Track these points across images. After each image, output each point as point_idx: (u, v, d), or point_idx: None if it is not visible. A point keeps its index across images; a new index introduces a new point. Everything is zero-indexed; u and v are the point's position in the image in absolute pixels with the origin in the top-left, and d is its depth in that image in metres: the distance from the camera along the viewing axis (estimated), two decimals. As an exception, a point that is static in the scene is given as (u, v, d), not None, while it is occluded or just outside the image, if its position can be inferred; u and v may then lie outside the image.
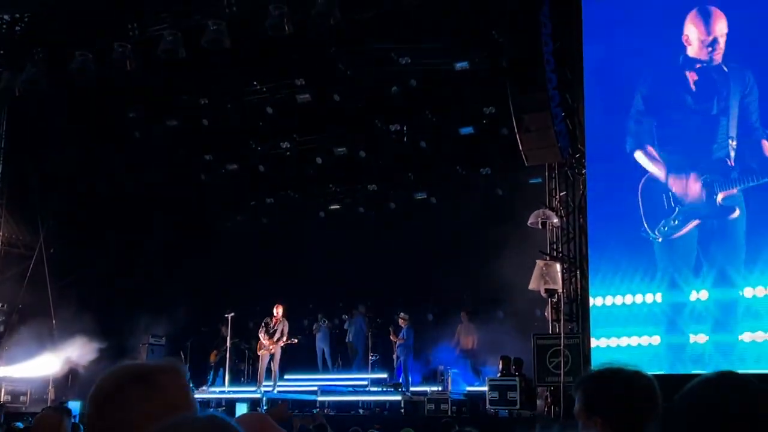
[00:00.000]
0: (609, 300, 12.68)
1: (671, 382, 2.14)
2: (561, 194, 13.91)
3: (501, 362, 14.45)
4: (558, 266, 13.34)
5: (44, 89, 16.87)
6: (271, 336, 16.31)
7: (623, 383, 2.32)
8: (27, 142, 18.61)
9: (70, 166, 19.38)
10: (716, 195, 12.13)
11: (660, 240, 12.46)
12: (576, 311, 13.51)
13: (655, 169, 12.61)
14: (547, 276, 12.91)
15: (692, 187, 12.37)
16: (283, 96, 18.73)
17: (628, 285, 12.52)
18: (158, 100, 19.34)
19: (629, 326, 12.45)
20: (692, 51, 12.57)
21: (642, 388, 2.31)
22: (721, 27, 12.41)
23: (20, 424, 9.55)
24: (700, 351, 11.79)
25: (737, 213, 11.92)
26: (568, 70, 13.72)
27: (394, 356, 17.03)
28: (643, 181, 12.71)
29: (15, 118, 18.97)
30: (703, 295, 11.96)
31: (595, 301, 12.81)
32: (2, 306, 18.70)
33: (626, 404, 2.29)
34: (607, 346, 12.54)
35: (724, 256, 11.88)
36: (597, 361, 12.43)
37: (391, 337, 16.87)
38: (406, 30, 16.34)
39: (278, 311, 16.55)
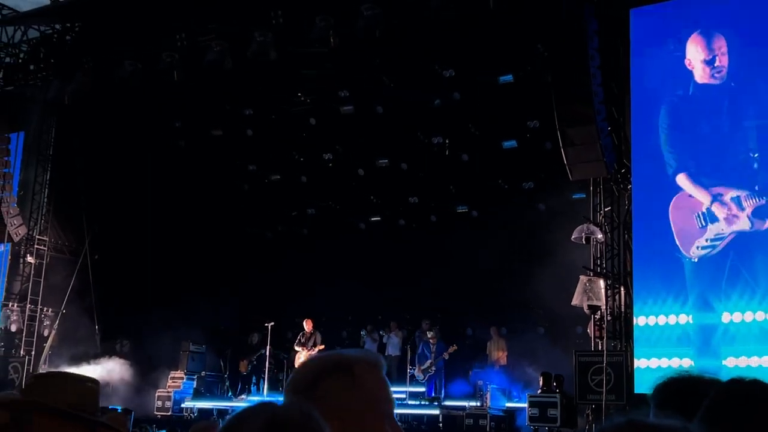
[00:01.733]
0: (652, 320, 12.51)
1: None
2: (605, 209, 13.74)
3: (542, 378, 14.27)
4: (602, 282, 13.17)
5: (92, 98, 17.17)
6: (305, 345, 16.52)
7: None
8: (74, 150, 18.93)
9: (116, 173, 19.68)
10: (745, 209, 11.99)
11: (695, 260, 12.32)
12: (619, 328, 13.30)
13: (690, 189, 12.53)
14: (591, 292, 12.77)
15: (721, 205, 12.23)
16: (326, 107, 18.82)
17: (670, 305, 12.36)
18: (204, 109, 19.57)
19: (668, 347, 12.30)
20: (697, 73, 12.54)
21: None
22: (720, 46, 12.41)
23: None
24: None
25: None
26: (615, 84, 13.57)
27: (426, 372, 16.83)
28: (673, 200, 12.61)
29: (63, 126, 19.32)
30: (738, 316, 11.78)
31: (637, 321, 12.64)
32: (47, 311, 19.00)
33: None
34: (647, 367, 12.36)
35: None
36: (640, 381, 12.26)
37: (445, 355, 16.71)
38: (451, 43, 16.34)
39: (308, 325, 16.73)
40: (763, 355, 11.58)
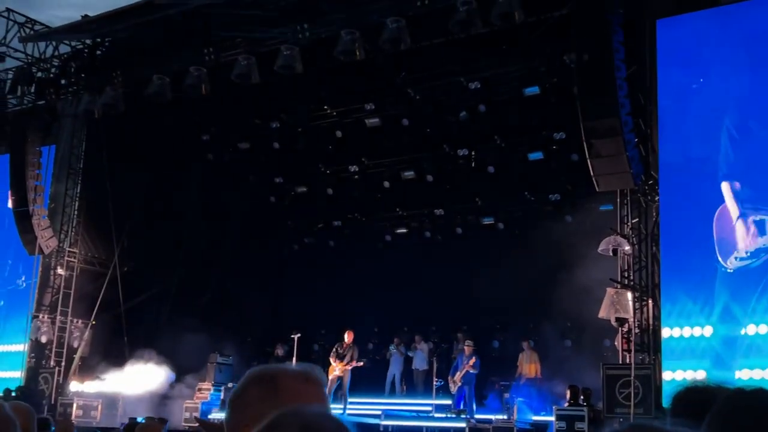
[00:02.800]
0: (677, 332, 12.40)
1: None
2: (633, 221, 13.64)
3: (569, 392, 14.16)
4: (629, 295, 13.07)
5: (122, 112, 17.39)
6: (341, 359, 16.44)
7: None
8: (104, 163, 19.16)
9: (146, 186, 19.89)
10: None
11: (730, 270, 12.18)
12: (647, 341, 13.17)
13: (732, 202, 12.35)
14: (618, 304, 12.67)
15: (744, 223, 12.10)
16: (352, 120, 18.92)
17: (702, 316, 12.24)
18: (231, 123, 19.75)
19: (691, 359, 12.18)
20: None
21: None
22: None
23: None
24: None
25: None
26: (642, 95, 13.50)
27: (455, 383, 16.74)
28: (718, 211, 12.44)
29: (93, 140, 19.58)
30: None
31: (662, 332, 12.55)
32: (77, 322, 19.20)
33: None
34: (672, 379, 12.25)
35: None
36: (669, 393, 12.14)
37: (469, 368, 16.58)
38: (476, 55, 16.36)
39: (349, 337, 16.67)
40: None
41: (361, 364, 16.65)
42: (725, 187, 12.50)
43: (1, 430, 3.00)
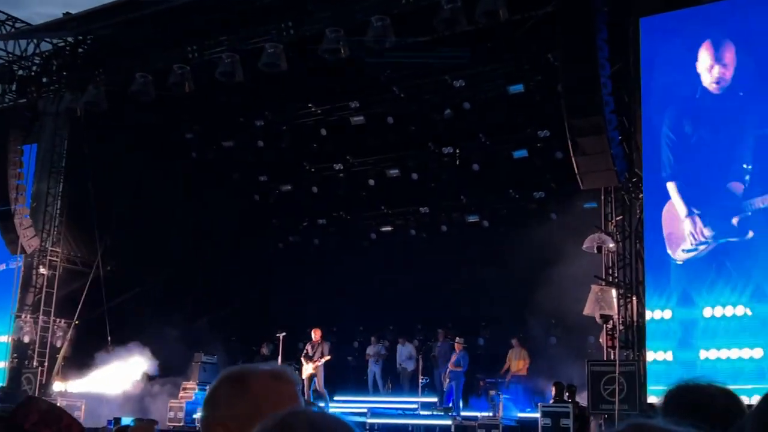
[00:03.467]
0: (657, 314, 12.56)
1: None
2: (617, 218, 13.70)
3: (554, 388, 14.23)
4: (614, 292, 13.13)
5: (105, 110, 17.27)
6: (310, 359, 16.46)
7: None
8: (86, 161, 19.02)
9: (129, 184, 19.77)
10: (732, 218, 12.04)
11: (680, 263, 12.38)
12: (632, 338, 13.24)
13: (678, 198, 12.59)
14: (603, 301, 12.72)
15: (710, 213, 12.29)
16: (337, 118, 18.89)
17: (656, 301, 12.50)
18: (215, 121, 19.67)
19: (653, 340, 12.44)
20: (705, 81, 12.60)
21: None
22: (729, 56, 12.46)
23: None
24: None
25: (751, 234, 11.88)
26: (626, 93, 13.56)
27: (444, 381, 16.84)
28: (665, 205, 12.65)
29: (75, 138, 19.43)
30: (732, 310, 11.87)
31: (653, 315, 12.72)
32: (60, 322, 19.06)
33: None
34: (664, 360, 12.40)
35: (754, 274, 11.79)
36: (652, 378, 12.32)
37: (451, 366, 16.60)
38: (461, 53, 16.37)
39: (316, 335, 16.67)
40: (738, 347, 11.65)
41: (328, 357, 16.60)
42: (671, 186, 12.73)
43: None
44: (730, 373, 11.42)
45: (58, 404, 14.95)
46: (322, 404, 16.25)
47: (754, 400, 9.27)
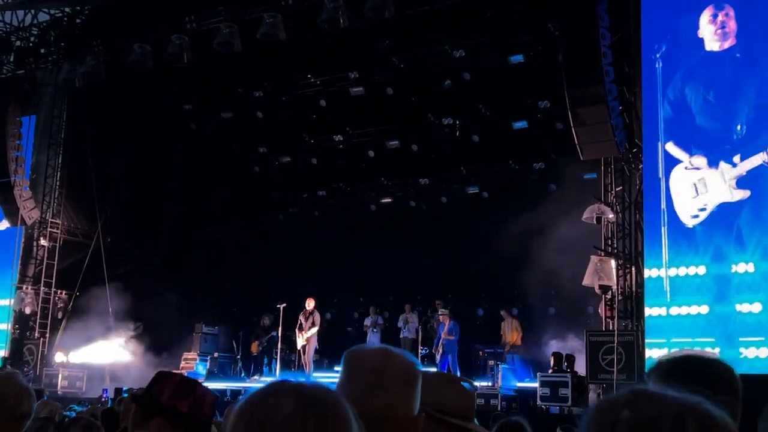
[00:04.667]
0: (655, 272, 12.56)
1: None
2: (617, 189, 13.70)
3: (553, 358, 14.30)
4: (613, 262, 13.16)
5: (103, 81, 17.20)
6: (303, 329, 16.64)
7: None
8: (85, 133, 18.99)
9: (128, 156, 19.75)
10: (731, 179, 12.06)
11: (690, 226, 12.36)
12: (630, 308, 13.30)
13: (683, 159, 12.53)
14: (602, 272, 12.76)
15: (714, 174, 12.24)
16: (336, 89, 18.80)
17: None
18: (214, 92, 19.59)
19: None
20: (708, 43, 12.53)
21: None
22: (730, 18, 12.39)
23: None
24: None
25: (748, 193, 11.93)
26: (626, 63, 13.50)
27: (438, 351, 16.86)
28: (673, 171, 12.61)
29: (74, 109, 19.38)
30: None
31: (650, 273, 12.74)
32: (61, 293, 19.14)
33: None
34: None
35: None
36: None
37: (444, 335, 16.68)
38: (461, 23, 16.26)
39: (309, 304, 16.74)
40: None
41: (317, 329, 16.71)
42: (670, 145, 12.66)
43: (17, 401, 3.01)
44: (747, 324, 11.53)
45: (60, 375, 15.07)
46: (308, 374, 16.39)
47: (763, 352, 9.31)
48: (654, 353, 12.18)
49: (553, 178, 18.01)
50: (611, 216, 13.49)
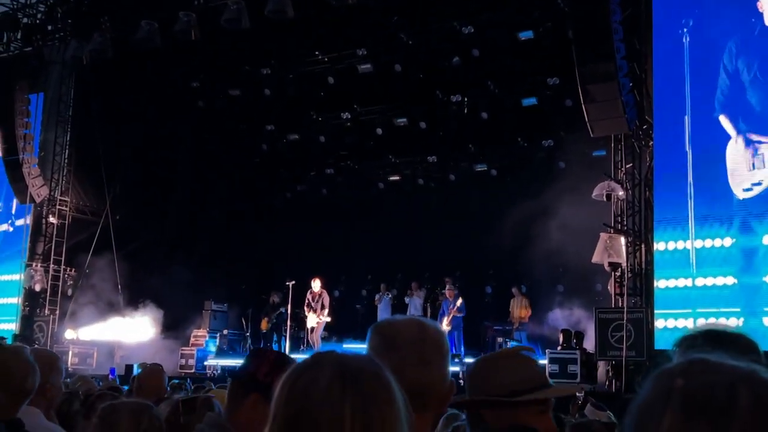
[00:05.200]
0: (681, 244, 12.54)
1: None
2: (627, 166, 13.66)
3: (561, 335, 14.33)
4: (622, 239, 13.15)
5: (111, 58, 17.15)
6: (313, 309, 16.67)
7: None
8: (93, 110, 18.97)
9: (135, 133, 19.74)
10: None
11: (740, 198, 12.28)
12: (640, 285, 13.31)
13: (735, 133, 12.41)
14: (611, 249, 12.76)
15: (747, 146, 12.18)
16: (344, 66, 18.71)
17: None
18: (221, 69, 19.52)
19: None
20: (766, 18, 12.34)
21: None
22: None
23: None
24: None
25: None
26: (637, 39, 13.40)
27: (446, 329, 16.90)
28: (728, 144, 12.48)
29: (82, 86, 19.35)
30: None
31: (658, 246, 12.74)
32: (70, 271, 19.21)
33: None
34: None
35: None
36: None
37: (455, 312, 16.73)
38: (469, 0, 16.16)
39: (316, 285, 16.78)
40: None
41: (328, 317, 16.76)
42: (723, 120, 12.53)
43: (22, 376, 3.02)
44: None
45: (70, 352, 15.14)
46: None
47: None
48: (679, 323, 12.23)
49: (562, 156, 17.96)
50: (621, 193, 13.46)
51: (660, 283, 12.74)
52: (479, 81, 18.11)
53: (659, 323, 12.61)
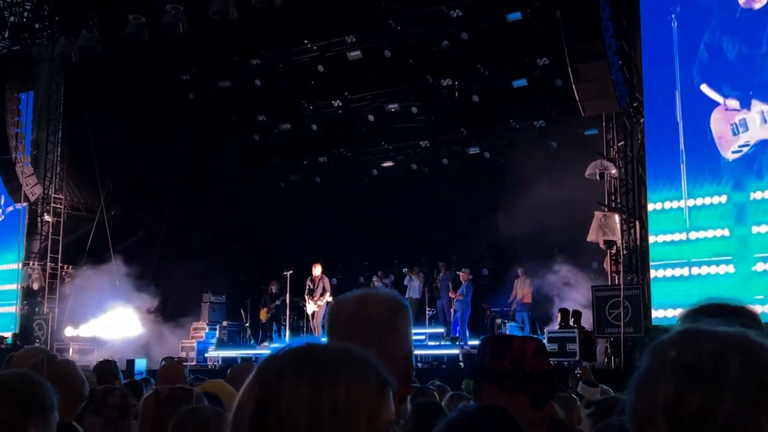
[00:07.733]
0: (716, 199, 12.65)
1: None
2: (619, 144, 13.72)
3: (559, 315, 14.43)
4: (617, 217, 13.23)
5: (100, 54, 17.12)
6: (312, 295, 16.70)
7: None
8: (84, 107, 18.93)
9: (127, 128, 19.71)
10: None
11: (730, 160, 12.39)
12: (635, 262, 13.40)
13: (720, 100, 12.50)
14: (606, 227, 12.84)
15: (752, 115, 12.25)
16: (333, 54, 18.69)
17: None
18: (211, 61, 19.49)
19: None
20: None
21: None
22: None
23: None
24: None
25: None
26: (625, 17, 13.43)
27: (452, 311, 17.07)
28: (713, 112, 12.55)
29: (72, 84, 19.31)
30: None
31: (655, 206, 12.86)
32: (68, 268, 19.24)
33: None
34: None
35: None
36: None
37: (450, 294, 16.86)
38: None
39: (315, 270, 16.82)
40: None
41: (330, 298, 16.78)
42: (705, 87, 12.60)
43: (81, 383, 3.14)
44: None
45: (71, 349, 15.19)
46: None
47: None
48: (677, 272, 12.39)
49: (554, 136, 18.00)
50: (614, 171, 13.53)
51: (659, 238, 12.79)
52: (469, 64, 18.10)
53: (658, 273, 12.68)
